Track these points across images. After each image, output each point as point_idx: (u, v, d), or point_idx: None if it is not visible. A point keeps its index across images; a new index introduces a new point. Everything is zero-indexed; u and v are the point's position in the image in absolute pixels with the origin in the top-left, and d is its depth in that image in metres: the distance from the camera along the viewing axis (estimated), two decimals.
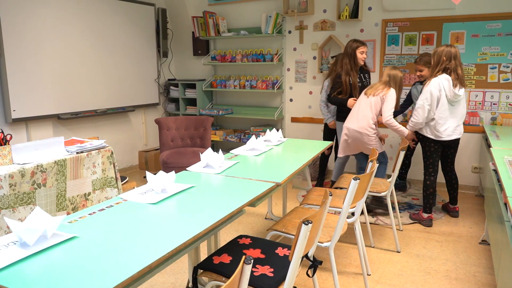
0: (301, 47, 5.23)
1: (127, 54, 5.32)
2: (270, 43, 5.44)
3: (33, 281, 1.20)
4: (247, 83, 5.51)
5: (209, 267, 1.85)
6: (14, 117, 4.10)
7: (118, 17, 5.13)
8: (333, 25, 4.97)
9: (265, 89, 5.37)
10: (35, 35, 4.22)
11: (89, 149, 2.79)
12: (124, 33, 5.24)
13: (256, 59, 5.36)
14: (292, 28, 5.23)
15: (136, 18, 5.40)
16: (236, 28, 5.57)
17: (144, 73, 5.61)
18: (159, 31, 5.74)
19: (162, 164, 4.41)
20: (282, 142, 3.39)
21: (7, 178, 2.27)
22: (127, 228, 1.59)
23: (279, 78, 5.40)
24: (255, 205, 2.06)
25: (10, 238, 1.48)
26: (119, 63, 5.22)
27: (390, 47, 4.70)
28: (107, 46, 5.04)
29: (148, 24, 5.61)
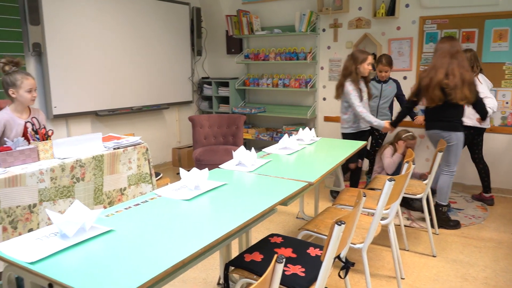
0: (335, 46, 5.16)
1: (163, 53, 5.42)
2: (304, 41, 5.40)
3: (72, 271, 1.24)
4: (280, 82, 5.49)
5: (241, 264, 1.86)
6: (55, 114, 4.27)
7: (154, 17, 5.24)
8: (369, 23, 4.87)
9: (298, 87, 5.34)
10: (76, 35, 4.37)
11: (125, 145, 2.87)
12: (160, 32, 5.35)
13: (290, 57, 5.34)
14: (326, 26, 5.17)
15: (172, 17, 5.49)
16: (270, 27, 5.57)
17: (178, 72, 5.70)
18: (193, 30, 5.82)
19: (195, 161, 4.47)
20: (314, 141, 3.36)
21: (48, 172, 2.37)
22: (161, 223, 1.62)
23: (312, 77, 5.35)
24: (287, 204, 2.05)
25: (51, 229, 1.53)
26: (155, 62, 5.33)
27: (428, 45, 4.57)
28: (143, 45, 5.15)
29: (183, 23, 5.69)
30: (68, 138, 2.60)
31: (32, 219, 2.32)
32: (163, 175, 3.79)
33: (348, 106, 3.72)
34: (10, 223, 2.20)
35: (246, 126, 5.84)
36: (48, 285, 1.23)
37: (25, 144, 2.48)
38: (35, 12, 3.95)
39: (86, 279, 1.20)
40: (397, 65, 4.72)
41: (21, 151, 2.38)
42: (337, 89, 3.78)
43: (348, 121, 3.79)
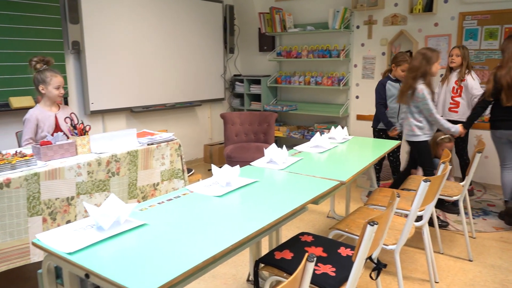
0: (370, 43, 5.06)
1: (195, 51, 5.49)
2: (337, 38, 5.33)
3: (107, 262, 1.28)
4: (312, 79, 5.45)
5: (271, 262, 1.86)
6: (92, 110, 4.40)
7: (188, 15, 5.31)
8: (405, 19, 4.75)
9: (331, 85, 5.27)
10: (112, 33, 4.49)
11: (158, 141, 2.92)
12: (193, 30, 5.41)
13: (322, 55, 5.28)
14: (361, 23, 5.09)
15: (205, 15, 5.54)
16: (303, 24, 5.53)
17: (211, 69, 5.76)
18: (226, 27, 5.85)
19: (226, 158, 4.51)
20: (347, 140, 3.32)
21: (85, 166, 2.45)
22: (193, 219, 1.64)
23: (345, 75, 5.28)
24: (318, 203, 2.03)
25: (88, 221, 1.58)
26: (188, 59, 5.40)
27: (468, 42, 4.41)
28: (177, 43, 5.23)
29: (216, 20, 5.74)
30: (104, 134, 2.68)
31: (70, 211, 2.40)
32: (194, 171, 3.85)
33: (419, 111, 3.32)
34: (49, 215, 2.29)
35: (278, 124, 5.82)
36: (85, 275, 1.27)
37: (64, 139, 2.57)
38: (75, 11, 4.09)
39: (121, 271, 1.23)
40: None
41: (60, 146, 2.47)
42: (403, 93, 3.34)
43: (423, 127, 3.35)
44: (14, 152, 2.33)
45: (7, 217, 2.10)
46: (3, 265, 2.11)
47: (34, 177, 2.20)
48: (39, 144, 2.41)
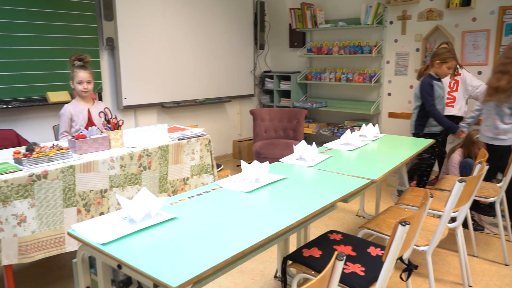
0: (403, 39, 4.94)
1: (226, 47, 5.51)
2: (369, 34, 5.23)
3: (139, 254, 1.31)
4: (343, 76, 5.37)
5: (299, 259, 1.85)
6: (125, 105, 4.50)
7: (219, 11, 5.33)
8: (441, 14, 4.61)
9: (362, 82, 5.19)
10: (145, 30, 4.57)
11: (189, 137, 2.96)
12: (224, 26, 5.44)
13: (354, 51, 5.20)
14: (394, 18, 4.97)
15: (236, 11, 5.56)
16: (334, 20, 5.45)
17: (241, 65, 5.77)
18: (256, 23, 5.85)
19: (255, 154, 4.52)
20: (378, 138, 3.26)
21: (118, 160, 2.51)
22: (222, 214, 1.65)
23: (377, 71, 5.18)
24: (347, 201, 2.00)
25: (120, 214, 1.62)
26: (218, 56, 5.44)
27: (508, 37, 4.22)
28: (208, 39, 5.27)
29: (247, 16, 5.74)
30: (137, 128, 2.74)
31: (103, 203, 2.47)
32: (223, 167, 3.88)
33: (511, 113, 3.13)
34: (84, 206, 2.37)
35: (307, 121, 5.78)
36: (117, 266, 1.30)
37: (98, 133, 2.64)
38: (109, 8, 4.19)
39: (151, 263, 1.25)
40: (472, 59, 4.43)
41: (94, 139, 2.54)
42: (503, 92, 3.06)
43: (509, 130, 3.15)
44: (52, 145, 2.42)
45: (44, 207, 2.18)
46: (40, 253, 2.19)
47: (70, 169, 2.27)
48: (74, 138, 2.48)
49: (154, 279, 1.18)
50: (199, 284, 1.30)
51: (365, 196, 3.95)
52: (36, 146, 2.33)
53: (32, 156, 2.19)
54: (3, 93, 3.58)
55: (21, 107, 3.72)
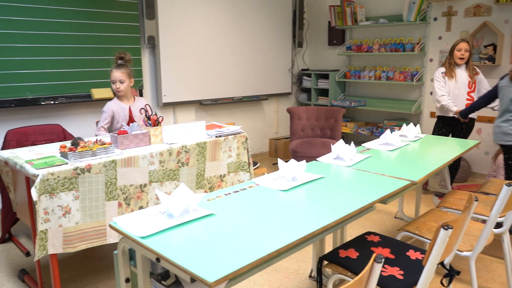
0: (448, 36, 4.76)
1: (264, 45, 5.52)
2: (412, 31, 5.07)
3: (177, 248, 1.33)
4: (383, 74, 5.25)
5: (335, 259, 1.83)
6: (164, 102, 4.60)
7: (257, 9, 5.34)
8: (489, 10, 4.40)
9: (403, 81, 5.04)
10: (184, 29, 4.65)
11: (226, 134, 2.98)
12: (262, 24, 5.44)
13: (395, 49, 5.06)
14: (439, 14, 4.79)
15: (275, 9, 5.55)
16: (375, 17, 5.33)
17: (278, 63, 5.76)
18: (295, 21, 5.81)
19: (291, 153, 4.50)
20: (419, 138, 3.16)
21: (157, 155, 2.56)
22: (258, 211, 1.65)
23: (419, 70, 5.02)
24: (386, 203, 1.96)
25: (159, 208, 1.66)
26: (256, 54, 5.45)
27: None
28: (246, 37, 5.29)
29: (285, 14, 5.72)
30: (176, 125, 2.79)
31: (143, 198, 2.54)
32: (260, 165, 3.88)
33: None
34: (124, 200, 2.44)
35: (345, 120, 5.70)
36: (156, 259, 1.33)
37: (139, 129, 2.71)
38: (151, 7, 4.29)
39: (189, 257, 1.27)
40: None
41: (135, 135, 2.61)
42: None
43: None
44: (95, 140, 2.51)
45: (87, 200, 2.27)
46: (83, 243, 2.28)
47: (112, 164, 2.35)
48: (116, 133, 2.56)
49: (191, 274, 1.20)
50: (234, 280, 1.31)
51: (404, 198, 3.85)
52: (81, 140, 2.43)
53: (77, 150, 2.28)
54: (51, 90, 3.75)
55: (67, 103, 3.88)
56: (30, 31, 3.58)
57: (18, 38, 3.54)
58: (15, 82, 3.54)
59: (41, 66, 3.67)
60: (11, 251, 3.04)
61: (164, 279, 1.47)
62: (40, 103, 3.71)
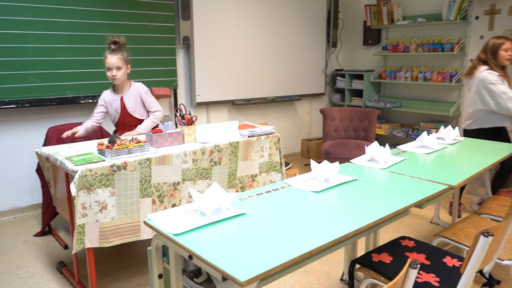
0: (490, 35, 4.57)
1: (297, 45, 5.49)
2: (452, 31, 4.91)
3: (209, 246, 1.34)
4: (420, 75, 5.11)
5: (368, 263, 1.79)
6: (197, 101, 4.66)
7: (291, 9, 5.32)
8: None
9: (441, 81, 4.89)
10: (218, 29, 4.69)
11: (259, 134, 2.99)
12: (296, 24, 5.42)
13: (433, 48, 4.92)
14: (481, 13, 4.61)
15: (309, 8, 5.51)
16: (412, 16, 5.20)
17: (312, 63, 5.72)
18: (329, 20, 5.75)
19: (324, 154, 4.45)
20: (458, 141, 3.05)
21: (191, 154, 2.60)
22: (290, 212, 1.64)
23: (458, 70, 4.85)
24: (422, 207, 1.90)
25: (192, 206, 1.68)
26: (289, 54, 5.43)
27: None
28: (279, 37, 5.28)
29: (319, 14, 5.67)
30: (209, 125, 2.82)
31: (176, 196, 2.58)
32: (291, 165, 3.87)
33: None
34: (158, 197, 2.49)
35: (379, 121, 5.58)
36: (188, 256, 1.35)
37: (173, 128, 2.76)
38: (187, 8, 4.35)
39: (221, 256, 1.28)
40: None
41: (170, 134, 2.65)
42: None
43: None
44: (131, 138, 2.57)
45: (122, 196, 2.33)
46: (118, 239, 2.34)
47: (147, 162, 2.40)
48: (152, 132, 2.62)
49: (223, 272, 1.21)
50: (265, 280, 1.31)
51: (441, 203, 3.73)
52: (117, 138, 2.50)
53: (113, 148, 2.34)
54: (89, 89, 3.88)
55: None
56: (71, 32, 3.72)
57: (60, 39, 3.68)
58: (56, 81, 3.69)
59: (80, 66, 3.80)
60: (51, 244, 3.16)
61: (196, 276, 1.49)
62: (79, 102, 3.84)
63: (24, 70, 3.54)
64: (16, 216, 3.75)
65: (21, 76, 3.53)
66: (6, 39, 3.42)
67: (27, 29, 3.50)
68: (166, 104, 4.55)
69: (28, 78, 3.57)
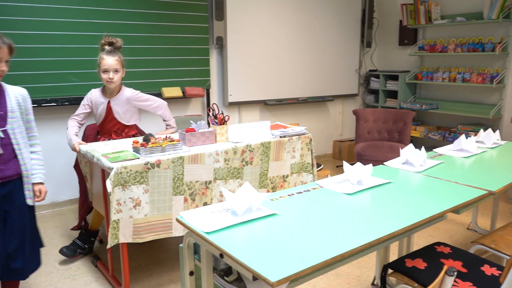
0: None
1: (330, 45, 5.43)
2: (493, 30, 4.72)
3: (240, 246, 1.35)
4: (458, 76, 4.94)
5: (401, 268, 1.75)
6: (230, 101, 4.70)
7: (325, 9, 5.27)
8: None
9: (481, 83, 4.71)
10: (251, 29, 4.71)
11: (291, 134, 2.97)
12: (330, 24, 5.36)
13: (473, 49, 4.74)
14: None
15: (343, 8, 5.44)
16: (451, 15, 5.03)
17: (345, 64, 5.64)
18: (364, 20, 5.66)
19: (356, 156, 4.38)
20: (498, 145, 2.93)
21: (223, 154, 2.62)
22: (322, 214, 1.63)
23: (500, 71, 4.66)
24: (459, 213, 1.84)
25: (223, 205, 1.69)
26: (322, 54, 5.38)
27: None
28: (312, 37, 5.24)
29: (354, 13, 5.58)
30: (241, 124, 2.83)
31: (207, 194, 2.61)
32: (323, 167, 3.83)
33: None
34: (190, 195, 2.52)
35: (414, 123, 5.44)
36: (219, 255, 1.36)
37: (206, 127, 2.79)
38: (220, 9, 4.39)
39: (251, 255, 1.28)
40: None
41: (202, 133, 2.68)
42: None
43: None
44: (165, 137, 2.61)
45: (156, 193, 2.37)
46: (150, 235, 2.39)
47: (180, 160, 2.43)
48: (185, 131, 2.65)
49: (254, 272, 1.21)
50: (295, 282, 1.30)
51: (479, 209, 3.59)
52: (152, 137, 2.55)
53: (148, 146, 2.39)
54: None
55: None
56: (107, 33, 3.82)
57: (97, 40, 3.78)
58: (93, 80, 3.80)
59: None
60: None
61: (226, 275, 1.50)
62: None
63: (65, 70, 3.67)
64: (55, 210, 3.90)
65: (62, 76, 3.67)
66: (49, 40, 3.56)
67: (67, 30, 3.64)
68: (199, 104, 4.61)
69: (68, 77, 3.70)
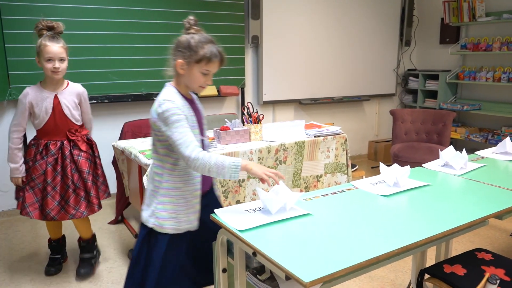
0: None
1: (367, 43, 5.33)
2: None
3: (272, 244, 1.35)
4: (503, 76, 4.72)
5: (438, 274, 1.70)
6: (264, 100, 4.70)
7: (362, 6, 5.17)
8: None
9: None
10: (287, 28, 4.69)
11: (325, 134, 2.94)
12: (367, 22, 5.25)
13: None
14: None
15: (381, 6, 5.32)
16: (497, 12, 4.81)
17: (382, 63, 5.52)
18: (403, 18, 5.51)
19: (392, 157, 4.28)
20: None
21: (257, 152, 2.62)
22: (357, 215, 1.60)
23: None
24: (502, 218, 1.76)
25: (257, 204, 1.69)
26: (358, 53, 5.28)
27: None
28: (349, 36, 5.16)
29: (393, 11, 5.45)
30: (275, 123, 2.83)
31: (240, 192, 2.62)
32: (358, 167, 3.76)
33: None
34: (223, 193, 2.54)
35: (455, 124, 5.25)
36: (252, 253, 1.36)
37: (240, 126, 2.80)
38: (256, 8, 4.40)
39: (284, 255, 1.28)
40: None
41: (237, 132, 2.70)
42: None
43: None
44: None
45: None
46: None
47: None
48: (219, 129, 2.68)
49: (287, 271, 1.20)
50: (328, 283, 1.28)
51: None
52: None
53: None
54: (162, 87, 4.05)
55: None
56: (145, 32, 3.92)
57: (136, 39, 3.89)
58: (132, 79, 3.91)
59: (154, 64, 3.99)
60: (123, 232, 3.36)
61: (259, 273, 1.50)
62: (153, 99, 4.03)
63: (105, 68, 3.79)
64: None
65: (102, 74, 3.79)
66: (90, 39, 3.69)
67: (108, 29, 3.75)
68: (233, 102, 4.64)
69: (108, 76, 3.82)
